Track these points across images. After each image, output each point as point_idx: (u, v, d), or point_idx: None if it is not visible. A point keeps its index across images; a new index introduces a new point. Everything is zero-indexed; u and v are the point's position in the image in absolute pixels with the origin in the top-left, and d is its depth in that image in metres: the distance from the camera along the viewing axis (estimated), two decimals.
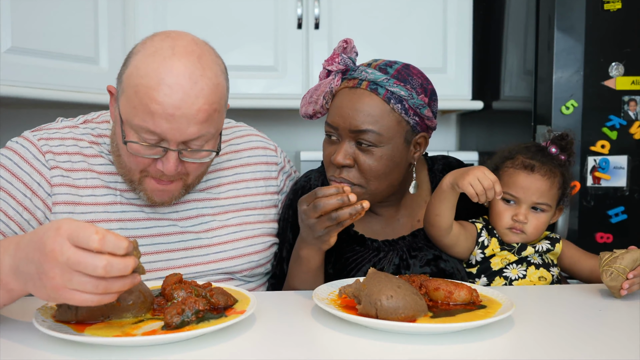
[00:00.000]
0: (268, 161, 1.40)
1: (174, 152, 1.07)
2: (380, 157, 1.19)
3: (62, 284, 0.78)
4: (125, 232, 1.17)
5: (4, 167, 1.14)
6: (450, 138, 2.69)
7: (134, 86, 1.05)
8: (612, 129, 1.78)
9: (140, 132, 1.06)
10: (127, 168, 1.14)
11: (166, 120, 1.04)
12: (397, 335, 0.89)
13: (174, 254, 1.21)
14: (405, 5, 2.23)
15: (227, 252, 1.26)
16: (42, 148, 1.16)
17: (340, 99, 1.21)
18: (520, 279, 1.27)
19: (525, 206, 1.28)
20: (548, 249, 1.31)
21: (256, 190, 1.35)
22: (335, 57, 1.22)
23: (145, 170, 1.12)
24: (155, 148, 1.07)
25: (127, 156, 1.11)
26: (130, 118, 1.07)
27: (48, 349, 0.83)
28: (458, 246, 1.28)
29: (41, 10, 1.76)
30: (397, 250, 1.29)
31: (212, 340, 0.86)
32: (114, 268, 0.77)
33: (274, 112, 2.54)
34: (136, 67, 1.07)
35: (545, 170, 1.28)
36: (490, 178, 1.14)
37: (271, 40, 2.20)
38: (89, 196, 1.17)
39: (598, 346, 0.87)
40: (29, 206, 1.13)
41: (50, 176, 1.15)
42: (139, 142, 1.07)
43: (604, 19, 1.77)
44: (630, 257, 1.12)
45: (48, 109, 2.31)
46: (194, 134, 1.07)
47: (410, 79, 1.21)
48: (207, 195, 1.28)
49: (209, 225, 1.26)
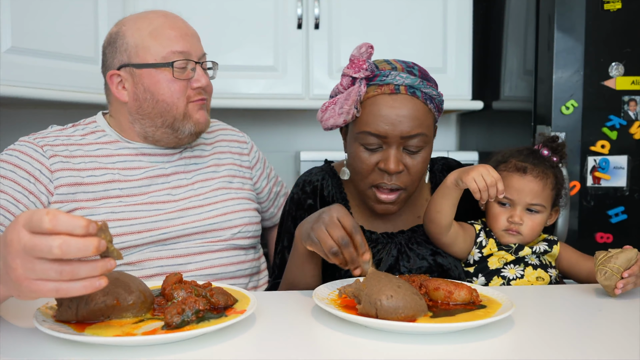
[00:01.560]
0: (238, 139, 1.56)
1: (199, 66, 1.33)
2: (425, 158, 1.24)
3: (24, 275, 0.75)
4: (129, 207, 1.27)
5: (7, 161, 1.24)
6: (450, 138, 2.69)
7: (146, 33, 1.30)
8: (612, 129, 1.78)
9: (170, 57, 1.29)
10: (170, 105, 1.31)
11: (186, 40, 1.32)
12: (397, 335, 0.89)
13: (172, 214, 1.31)
14: (405, 6, 2.24)
15: (219, 209, 1.37)
16: (39, 143, 1.27)
17: (381, 106, 1.19)
18: (518, 279, 1.28)
19: (520, 208, 1.30)
20: (545, 250, 1.32)
21: (235, 165, 1.49)
22: (361, 64, 1.20)
23: (187, 97, 1.32)
24: (185, 71, 1.31)
25: (169, 89, 1.30)
26: (157, 53, 1.29)
27: (48, 348, 0.83)
28: (455, 246, 1.29)
29: (41, 10, 1.76)
30: (395, 243, 1.30)
31: (212, 340, 0.86)
32: (72, 247, 0.73)
33: (274, 112, 2.54)
34: (137, 29, 1.31)
35: (537, 171, 1.30)
36: (494, 176, 1.17)
37: (271, 40, 2.20)
38: (90, 177, 1.28)
39: (598, 346, 0.87)
40: (34, 190, 1.22)
41: (50, 164, 1.25)
42: (176, 60, 1.29)
43: (604, 19, 1.77)
44: (625, 257, 1.12)
45: (48, 109, 2.32)
46: (202, 50, 1.36)
47: (429, 77, 1.25)
48: (195, 167, 1.42)
49: (200, 191, 1.38)
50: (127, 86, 1.32)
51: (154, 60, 1.29)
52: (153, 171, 1.35)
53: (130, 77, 1.31)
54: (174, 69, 1.29)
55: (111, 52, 1.33)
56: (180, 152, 1.41)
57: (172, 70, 1.29)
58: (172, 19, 1.34)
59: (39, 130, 1.35)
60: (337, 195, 1.35)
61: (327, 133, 2.52)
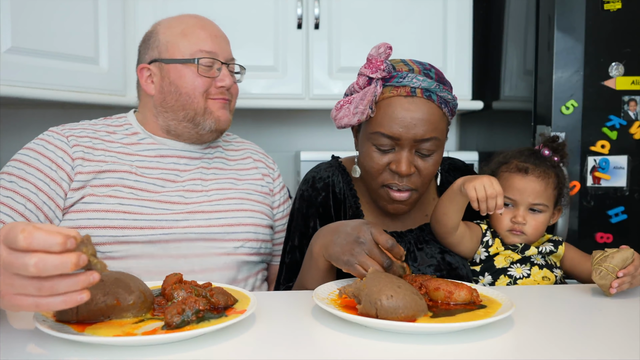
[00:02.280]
0: (267, 165, 1.57)
1: (225, 67, 1.39)
2: (436, 161, 1.24)
3: (5, 290, 0.75)
4: (138, 202, 1.29)
5: (33, 149, 1.30)
6: (450, 138, 2.69)
7: (178, 31, 1.38)
8: (612, 129, 1.78)
9: (197, 55, 1.36)
10: (192, 99, 1.36)
11: (215, 42, 1.39)
12: (397, 335, 0.89)
13: (178, 215, 1.32)
14: (405, 6, 2.23)
15: (228, 219, 1.37)
16: (65, 133, 1.33)
17: (396, 108, 1.19)
18: (524, 278, 1.28)
19: (523, 208, 1.31)
20: (551, 250, 1.33)
21: (256, 176, 1.50)
22: (379, 64, 1.19)
23: (208, 94, 1.38)
24: (211, 69, 1.37)
25: (192, 84, 1.36)
26: (185, 50, 1.36)
27: (48, 348, 0.83)
28: (462, 245, 1.30)
29: (41, 10, 1.76)
30: (404, 242, 1.30)
31: (212, 340, 0.86)
32: (48, 264, 0.71)
33: (274, 112, 2.54)
34: (171, 24, 1.41)
35: (539, 171, 1.31)
36: (496, 189, 1.15)
37: (271, 40, 2.20)
38: (108, 164, 1.32)
39: (598, 346, 0.87)
40: (56, 178, 1.26)
41: (72, 152, 1.29)
42: (202, 58, 1.36)
43: (604, 19, 1.77)
44: (621, 257, 1.13)
45: (48, 109, 2.32)
46: (230, 53, 1.43)
47: (445, 80, 1.25)
48: (214, 176, 1.43)
49: (214, 197, 1.39)
50: (155, 80, 1.39)
51: (182, 56, 1.37)
52: (170, 174, 1.38)
53: (159, 71, 1.39)
54: (199, 66, 1.36)
55: (144, 48, 1.42)
56: (200, 159, 1.44)
57: (197, 66, 1.36)
58: (203, 21, 1.42)
59: (39, 130, 1.36)
60: (348, 192, 1.34)
61: (327, 133, 2.53)
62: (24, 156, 1.28)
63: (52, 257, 0.72)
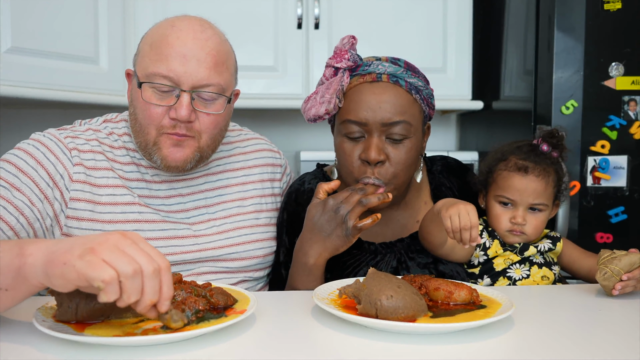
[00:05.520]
0: (274, 163, 1.44)
1: (187, 95, 1.12)
2: (410, 148, 1.20)
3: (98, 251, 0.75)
4: (142, 234, 1.17)
5: (31, 155, 1.15)
6: (450, 138, 2.69)
7: (149, 43, 1.16)
8: (612, 129, 1.78)
9: (155, 79, 1.13)
10: (143, 128, 1.17)
11: (179, 62, 1.12)
12: (397, 335, 0.89)
13: (187, 255, 1.23)
14: (405, 5, 2.23)
15: (239, 253, 1.29)
16: (69, 145, 1.18)
17: (362, 94, 1.19)
18: (524, 279, 1.27)
19: (523, 208, 1.28)
20: (550, 248, 1.31)
21: (262, 192, 1.37)
22: (343, 54, 1.20)
23: (160, 127, 1.15)
24: (169, 95, 1.13)
25: (143, 112, 1.15)
26: (145, 68, 1.14)
27: (48, 349, 0.83)
28: (454, 254, 1.28)
29: (41, 10, 1.76)
30: (395, 253, 1.28)
31: (212, 340, 0.86)
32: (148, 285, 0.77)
33: (274, 112, 2.54)
34: (148, 33, 1.20)
35: (539, 170, 1.27)
36: (472, 221, 1.09)
37: (271, 40, 2.20)
38: (108, 195, 1.19)
39: (598, 346, 0.87)
40: (49, 195, 1.13)
41: (73, 172, 1.16)
42: (154, 83, 1.13)
43: (604, 19, 1.77)
44: (628, 260, 1.11)
45: (48, 109, 2.31)
46: (204, 79, 1.13)
47: (417, 70, 1.24)
48: (217, 200, 1.31)
49: (221, 228, 1.29)
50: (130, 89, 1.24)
51: (140, 75, 1.16)
52: (173, 205, 1.25)
53: (130, 82, 1.23)
54: (142, 91, 1.14)
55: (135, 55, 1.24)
56: (205, 176, 1.31)
57: (140, 92, 1.14)
58: (177, 33, 1.14)
59: (39, 130, 1.31)
60: None
61: (327, 133, 2.51)
62: (19, 159, 1.14)
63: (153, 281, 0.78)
